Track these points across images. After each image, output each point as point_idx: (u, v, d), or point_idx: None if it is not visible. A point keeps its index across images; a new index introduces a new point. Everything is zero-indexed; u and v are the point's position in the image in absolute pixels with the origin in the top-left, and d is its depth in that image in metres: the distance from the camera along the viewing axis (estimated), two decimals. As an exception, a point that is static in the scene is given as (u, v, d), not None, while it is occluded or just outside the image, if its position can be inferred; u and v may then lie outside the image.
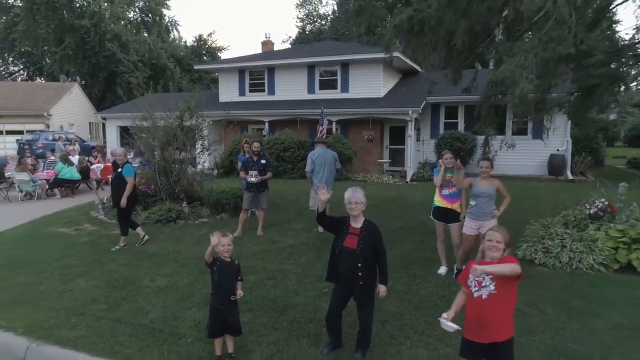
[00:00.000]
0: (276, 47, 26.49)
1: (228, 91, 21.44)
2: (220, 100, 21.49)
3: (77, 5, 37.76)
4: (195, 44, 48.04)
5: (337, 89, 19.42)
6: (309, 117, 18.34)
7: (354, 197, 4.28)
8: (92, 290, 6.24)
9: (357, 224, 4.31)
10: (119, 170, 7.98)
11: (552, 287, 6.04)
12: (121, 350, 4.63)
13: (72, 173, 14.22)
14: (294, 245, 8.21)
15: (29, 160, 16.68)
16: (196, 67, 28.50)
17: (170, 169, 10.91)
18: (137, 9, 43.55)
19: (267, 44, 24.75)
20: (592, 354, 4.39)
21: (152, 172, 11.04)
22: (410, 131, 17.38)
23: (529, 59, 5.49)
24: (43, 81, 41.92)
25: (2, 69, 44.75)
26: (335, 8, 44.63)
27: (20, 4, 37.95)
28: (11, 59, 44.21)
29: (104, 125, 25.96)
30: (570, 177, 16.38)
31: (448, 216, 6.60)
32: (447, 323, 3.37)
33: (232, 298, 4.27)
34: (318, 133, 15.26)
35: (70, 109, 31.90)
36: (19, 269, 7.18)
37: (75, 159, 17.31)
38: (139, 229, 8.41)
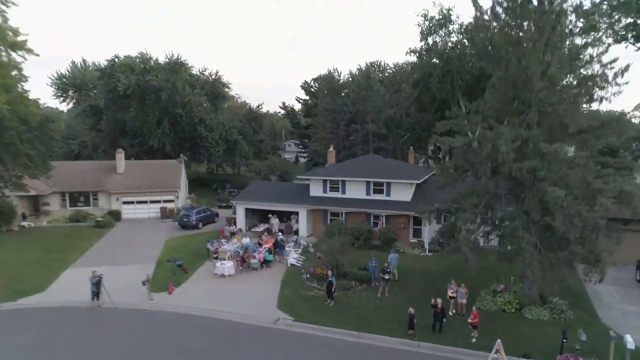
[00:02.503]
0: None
1: (316, 190, 35.95)
2: (310, 194, 35.98)
3: (176, 98, 51.85)
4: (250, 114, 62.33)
5: (383, 194, 34.09)
6: (367, 211, 32.96)
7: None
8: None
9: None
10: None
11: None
12: None
13: (269, 256, 28.27)
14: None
15: (232, 230, 30.76)
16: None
17: (341, 264, 25.00)
18: (207, 93, 57.57)
19: (330, 152, 39.34)
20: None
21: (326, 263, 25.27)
22: (426, 221, 31.96)
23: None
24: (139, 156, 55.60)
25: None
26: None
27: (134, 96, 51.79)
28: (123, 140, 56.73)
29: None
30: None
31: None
32: None
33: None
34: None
35: (182, 183, 45.92)
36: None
37: (246, 240, 31.34)
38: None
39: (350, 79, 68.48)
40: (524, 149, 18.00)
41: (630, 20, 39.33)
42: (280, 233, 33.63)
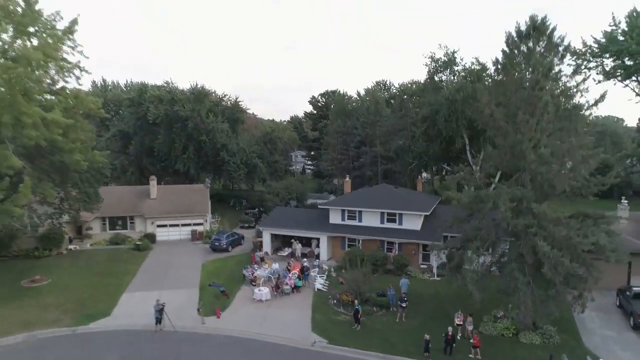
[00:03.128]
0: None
1: (335, 218, 40.07)
2: (330, 222, 40.10)
3: (201, 126, 56.06)
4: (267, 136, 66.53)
5: (396, 223, 38.21)
6: (381, 239, 37.11)
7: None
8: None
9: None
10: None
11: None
12: None
13: (299, 282, 32.38)
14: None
15: (261, 255, 34.92)
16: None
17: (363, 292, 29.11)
18: (227, 118, 61.64)
19: (346, 182, 43.50)
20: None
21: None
22: (435, 252, 36.00)
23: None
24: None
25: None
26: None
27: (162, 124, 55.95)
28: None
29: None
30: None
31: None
32: None
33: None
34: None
35: (209, 206, 50.03)
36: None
37: (275, 266, 35.46)
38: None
39: (359, 101, 72.61)
40: (519, 205, 22.14)
41: (619, 62, 43.83)
42: (304, 259, 37.80)
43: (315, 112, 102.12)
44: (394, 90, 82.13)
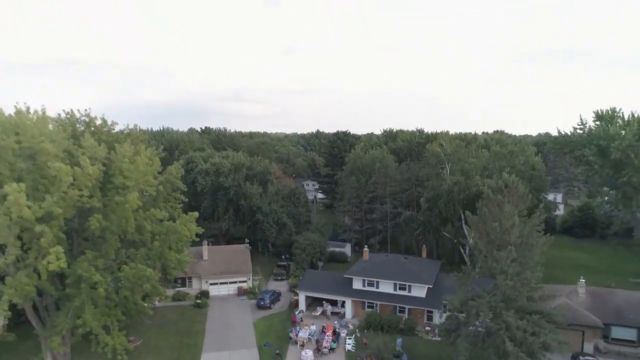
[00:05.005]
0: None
1: (357, 284, 50.54)
2: (353, 287, 50.55)
3: (239, 192, 66.64)
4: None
5: (406, 290, 48.64)
6: (393, 304, 47.58)
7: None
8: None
9: None
10: None
11: None
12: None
13: (334, 344, 42.78)
14: None
15: (300, 316, 45.38)
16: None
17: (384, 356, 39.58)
18: (260, 181, 72.13)
19: (365, 251, 53.99)
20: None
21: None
22: (439, 312, 46.33)
23: None
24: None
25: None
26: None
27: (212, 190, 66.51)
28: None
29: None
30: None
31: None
32: None
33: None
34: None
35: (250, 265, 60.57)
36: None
37: (313, 328, 45.96)
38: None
39: (370, 160, 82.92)
40: (495, 311, 32.57)
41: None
42: (334, 317, 48.33)
43: (326, 152, 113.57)
44: (401, 142, 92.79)
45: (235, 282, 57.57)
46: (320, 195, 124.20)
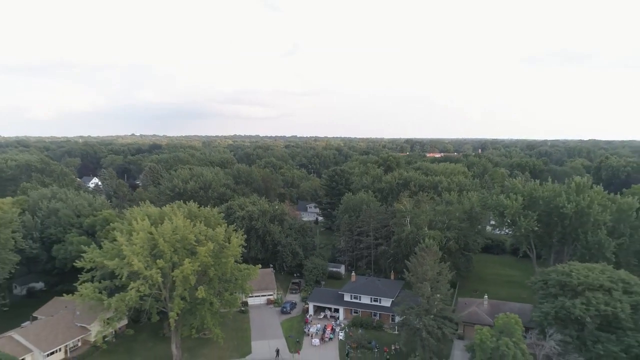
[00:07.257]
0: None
1: (347, 297, 77.59)
2: (344, 299, 77.54)
3: (265, 230, 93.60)
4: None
5: (378, 302, 75.68)
6: (370, 311, 74.66)
7: None
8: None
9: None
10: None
11: None
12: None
13: (332, 335, 69.83)
14: None
15: (312, 319, 72.55)
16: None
17: (362, 344, 66.68)
18: (277, 221, 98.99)
19: (353, 276, 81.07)
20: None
21: None
22: (399, 316, 73.22)
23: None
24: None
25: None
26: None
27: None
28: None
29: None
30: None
31: None
32: None
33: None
34: None
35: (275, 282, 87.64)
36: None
37: (319, 326, 73.17)
38: None
39: (359, 202, 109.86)
40: (420, 316, 59.75)
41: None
42: (333, 320, 75.47)
43: (327, 185, 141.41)
44: (384, 184, 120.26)
45: (265, 295, 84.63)
46: (321, 218, 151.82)
